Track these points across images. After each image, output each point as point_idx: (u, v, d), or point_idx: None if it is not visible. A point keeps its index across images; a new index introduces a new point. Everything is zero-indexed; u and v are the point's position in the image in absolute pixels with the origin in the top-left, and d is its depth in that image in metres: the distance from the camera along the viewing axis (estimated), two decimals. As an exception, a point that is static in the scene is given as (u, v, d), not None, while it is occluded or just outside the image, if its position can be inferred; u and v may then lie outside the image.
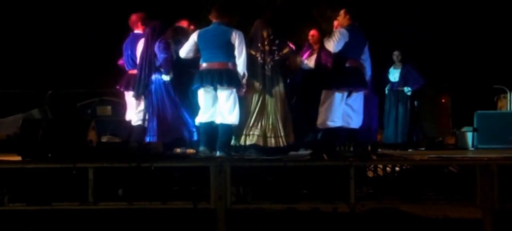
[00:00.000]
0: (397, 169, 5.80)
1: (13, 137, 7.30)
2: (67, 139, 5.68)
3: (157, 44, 6.49)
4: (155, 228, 5.67)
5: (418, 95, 9.14)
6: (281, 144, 6.39)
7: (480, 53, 12.54)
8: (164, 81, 6.52)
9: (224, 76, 6.26)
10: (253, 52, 6.48)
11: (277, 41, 6.50)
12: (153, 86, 6.54)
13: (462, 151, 8.78)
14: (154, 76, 6.54)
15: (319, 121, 6.65)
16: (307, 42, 7.45)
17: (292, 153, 6.63)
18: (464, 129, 9.57)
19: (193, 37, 6.45)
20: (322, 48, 7.05)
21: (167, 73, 6.49)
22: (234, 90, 6.35)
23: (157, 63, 6.52)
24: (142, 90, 6.57)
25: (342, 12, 6.78)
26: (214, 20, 6.45)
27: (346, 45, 6.58)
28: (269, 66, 6.45)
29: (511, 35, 12.29)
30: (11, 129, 8.00)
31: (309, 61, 7.14)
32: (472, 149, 9.08)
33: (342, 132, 6.62)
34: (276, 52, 6.49)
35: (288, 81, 6.72)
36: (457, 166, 5.66)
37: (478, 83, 11.62)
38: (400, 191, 5.57)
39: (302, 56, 7.29)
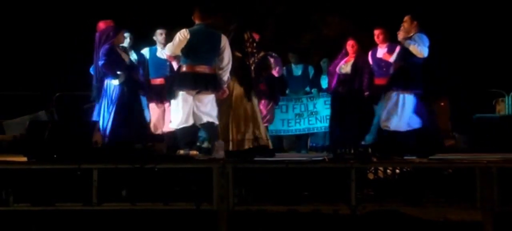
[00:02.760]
0: (397, 171, 5.82)
1: (19, 138, 7.37)
2: (73, 140, 5.73)
3: (101, 50, 6.47)
4: (157, 229, 5.68)
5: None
6: (269, 144, 6.49)
7: (478, 57, 12.55)
8: (114, 86, 6.52)
9: (210, 81, 6.20)
10: (239, 54, 6.47)
11: (255, 44, 6.52)
12: (105, 91, 6.55)
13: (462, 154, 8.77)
14: (106, 81, 6.55)
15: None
16: (344, 50, 7.55)
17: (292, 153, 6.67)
18: None
19: (185, 35, 6.20)
20: (359, 55, 7.31)
21: (114, 78, 6.47)
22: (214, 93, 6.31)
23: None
24: (94, 94, 6.63)
25: (407, 18, 6.52)
26: (197, 22, 6.29)
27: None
28: (252, 68, 6.48)
29: (508, 39, 12.30)
30: (18, 130, 8.04)
31: (346, 67, 7.35)
32: None
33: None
34: (256, 55, 6.52)
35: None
36: (454, 169, 5.67)
37: (476, 87, 11.63)
38: (401, 193, 5.59)
39: (338, 63, 7.51)
